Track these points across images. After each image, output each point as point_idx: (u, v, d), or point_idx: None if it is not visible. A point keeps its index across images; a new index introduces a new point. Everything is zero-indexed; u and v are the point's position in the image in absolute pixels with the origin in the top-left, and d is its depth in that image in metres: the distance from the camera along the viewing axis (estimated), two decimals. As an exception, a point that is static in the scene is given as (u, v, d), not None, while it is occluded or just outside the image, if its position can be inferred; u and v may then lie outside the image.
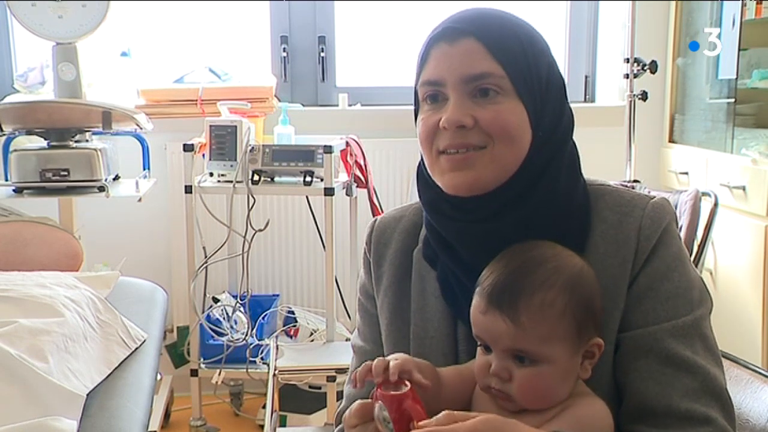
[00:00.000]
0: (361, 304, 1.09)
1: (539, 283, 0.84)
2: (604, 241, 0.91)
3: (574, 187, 0.94)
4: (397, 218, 1.06)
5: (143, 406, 1.43)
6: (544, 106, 0.92)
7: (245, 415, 2.70)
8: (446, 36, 0.91)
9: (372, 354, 1.04)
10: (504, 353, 0.84)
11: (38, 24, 2.28)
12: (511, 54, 0.90)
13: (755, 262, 2.32)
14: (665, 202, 0.94)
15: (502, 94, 0.89)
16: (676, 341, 0.88)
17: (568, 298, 0.84)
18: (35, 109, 2.29)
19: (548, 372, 0.83)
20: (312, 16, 2.94)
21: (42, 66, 2.73)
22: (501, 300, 0.84)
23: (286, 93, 2.92)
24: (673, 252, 0.91)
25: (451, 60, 0.90)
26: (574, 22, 3.05)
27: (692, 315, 0.89)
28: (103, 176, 2.21)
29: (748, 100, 2.65)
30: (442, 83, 0.91)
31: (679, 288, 0.90)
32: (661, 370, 0.88)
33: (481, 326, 0.86)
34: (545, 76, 0.93)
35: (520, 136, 0.90)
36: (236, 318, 2.52)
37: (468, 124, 0.89)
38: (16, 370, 1.28)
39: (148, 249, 2.77)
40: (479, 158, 0.90)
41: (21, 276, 1.66)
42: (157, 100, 2.68)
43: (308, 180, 2.33)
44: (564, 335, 0.84)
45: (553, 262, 0.86)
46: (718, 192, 2.29)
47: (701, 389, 0.87)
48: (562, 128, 0.94)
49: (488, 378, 0.85)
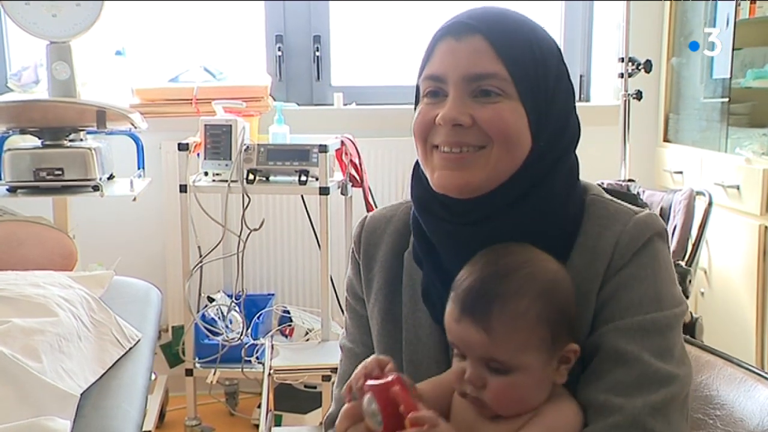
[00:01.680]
0: (349, 304, 1.07)
1: (513, 291, 0.82)
2: (581, 253, 0.89)
3: (568, 200, 0.91)
4: (388, 217, 1.04)
5: (138, 406, 1.42)
6: (548, 115, 0.89)
7: (240, 414, 2.70)
8: (454, 31, 0.89)
9: (362, 357, 1.00)
10: (478, 361, 0.83)
11: (32, 23, 2.27)
12: (518, 56, 0.87)
13: (749, 262, 2.32)
14: (651, 218, 0.90)
15: (504, 96, 0.87)
16: (622, 336, 0.85)
17: (542, 306, 0.82)
18: (29, 108, 2.28)
19: (522, 380, 0.82)
20: (307, 15, 2.93)
21: (36, 65, 2.72)
22: (474, 308, 0.83)
23: (281, 92, 2.92)
24: (645, 262, 0.88)
25: (455, 56, 0.88)
26: (568, 21, 3.05)
27: (650, 315, 0.86)
28: (97, 175, 2.21)
29: (742, 100, 2.66)
30: (444, 79, 0.89)
31: (644, 297, 0.86)
32: (599, 366, 0.86)
33: (455, 334, 0.85)
34: (552, 84, 0.90)
35: (518, 140, 0.87)
36: (231, 317, 2.51)
37: (465, 122, 0.87)
38: (10, 370, 1.27)
39: (142, 248, 2.76)
40: (474, 159, 0.88)
41: (15, 275, 1.66)
42: (152, 99, 2.68)
43: (303, 179, 2.33)
44: (538, 344, 0.82)
45: (528, 267, 0.84)
46: (713, 191, 2.30)
47: (633, 382, 0.83)
48: (565, 140, 0.92)
49: (463, 384, 0.84)
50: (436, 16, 3.06)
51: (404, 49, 2.93)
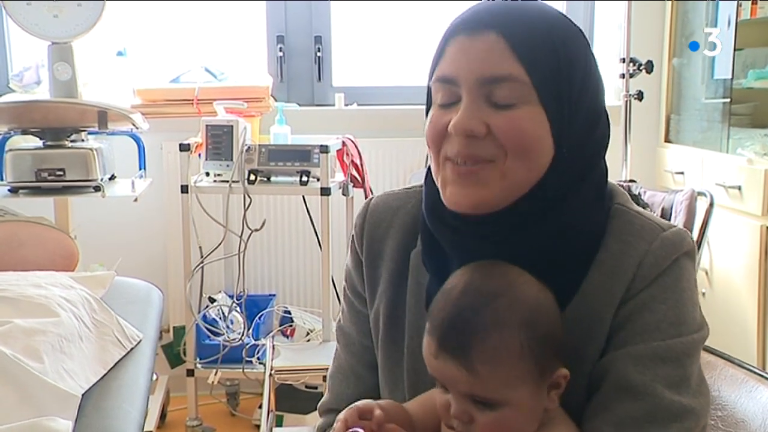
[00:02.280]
0: (348, 297, 1.00)
1: (492, 322, 0.75)
2: (601, 270, 0.82)
3: (595, 218, 0.83)
4: (394, 209, 0.95)
5: (139, 407, 1.42)
6: (572, 118, 0.80)
7: (241, 415, 2.70)
8: (467, 28, 0.80)
9: (358, 355, 0.98)
10: (462, 397, 0.77)
11: (34, 23, 2.27)
12: (538, 56, 0.78)
13: (751, 262, 2.32)
14: (678, 237, 0.82)
15: (522, 102, 0.78)
16: (631, 365, 0.78)
17: (524, 336, 0.75)
18: (31, 109, 2.28)
19: (511, 414, 0.76)
20: (308, 15, 2.94)
21: (37, 65, 2.73)
22: (452, 344, 0.76)
23: (283, 93, 2.92)
24: (668, 284, 0.80)
25: (468, 56, 0.79)
26: (570, 22, 3.05)
27: (666, 341, 0.79)
28: (98, 176, 2.21)
29: (744, 100, 2.66)
30: (456, 81, 0.80)
31: (662, 322, 0.79)
32: (606, 396, 0.79)
33: (434, 369, 0.79)
34: (579, 83, 0.81)
35: (538, 150, 0.79)
36: (232, 318, 2.51)
37: (479, 132, 0.78)
38: (11, 371, 1.27)
39: (143, 249, 2.76)
40: (488, 173, 0.79)
41: (16, 276, 1.66)
42: (153, 100, 2.68)
43: (304, 180, 2.33)
44: (524, 376, 0.76)
45: (507, 295, 0.77)
46: (714, 192, 2.30)
47: (642, 417, 0.77)
48: (592, 144, 0.83)
49: (450, 418, 0.79)
50: (438, 16, 3.08)
51: (406, 50, 2.93)
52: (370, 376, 0.97)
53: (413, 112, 2.88)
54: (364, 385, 0.97)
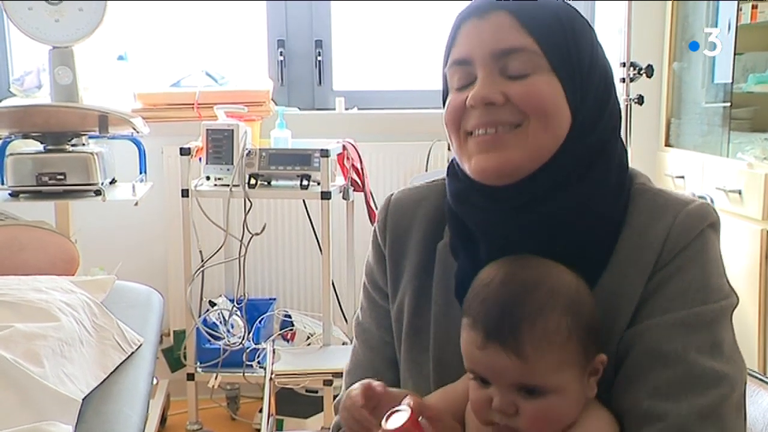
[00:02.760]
0: (368, 292, 1.00)
1: (538, 309, 0.77)
2: (627, 247, 0.83)
3: (619, 191, 0.85)
4: (417, 201, 0.96)
5: (139, 411, 1.42)
6: (585, 90, 0.83)
7: (242, 419, 2.70)
8: (476, 10, 0.84)
9: (378, 351, 0.97)
10: (509, 387, 0.78)
11: (35, 27, 2.27)
12: (546, 28, 0.82)
13: (751, 266, 2.32)
14: (703, 209, 0.84)
15: (536, 71, 0.81)
16: (664, 334, 0.80)
17: (570, 321, 0.77)
18: (31, 113, 2.28)
19: (558, 401, 0.77)
20: (308, 19, 2.94)
21: (38, 70, 2.73)
22: (500, 332, 0.77)
23: (283, 97, 2.92)
24: (694, 254, 0.82)
25: (480, 35, 0.83)
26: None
27: (695, 309, 0.80)
28: (99, 180, 2.21)
29: (744, 104, 2.66)
30: (471, 61, 0.83)
31: (689, 289, 0.81)
32: (637, 366, 0.80)
33: (480, 362, 0.79)
34: (588, 58, 0.84)
35: (556, 114, 0.81)
36: (233, 322, 2.51)
37: (498, 100, 0.81)
38: (12, 375, 1.27)
39: (144, 253, 2.76)
40: (511, 138, 0.81)
41: (17, 280, 1.66)
42: (154, 104, 2.68)
43: (305, 184, 2.33)
44: (571, 361, 0.78)
45: (547, 283, 0.79)
46: (714, 196, 2.30)
47: (678, 384, 0.78)
48: (606, 119, 0.85)
49: (490, 413, 0.79)
50: (439, 20, 3.08)
51: (406, 54, 2.93)
52: (389, 372, 0.96)
53: (414, 117, 2.91)
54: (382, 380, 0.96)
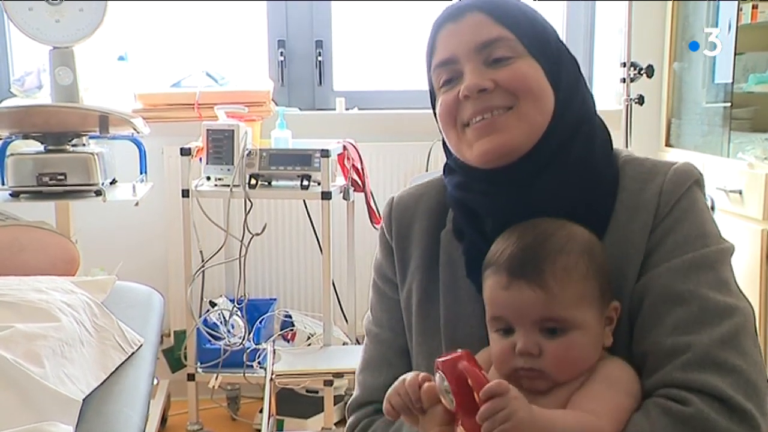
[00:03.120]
0: (377, 287, 1.05)
1: (558, 249, 0.84)
2: (625, 208, 0.90)
3: (607, 162, 0.93)
4: (417, 196, 1.03)
5: (140, 411, 1.42)
6: (559, 67, 0.91)
7: (242, 419, 2.70)
8: (451, 16, 0.92)
9: (389, 343, 1.01)
10: (532, 327, 0.83)
11: (35, 28, 2.27)
12: (517, 20, 0.91)
13: (752, 266, 2.32)
14: (689, 166, 0.93)
15: (517, 56, 0.89)
16: (674, 276, 0.85)
17: (587, 260, 0.84)
18: (32, 114, 2.28)
19: (580, 338, 0.83)
20: (309, 20, 2.94)
21: (39, 70, 2.73)
22: (524, 269, 0.83)
23: (284, 97, 2.93)
24: (686, 206, 0.89)
25: (459, 35, 0.90)
26: (570, 26, 3.05)
27: (699, 251, 0.86)
28: (99, 180, 2.21)
29: (745, 105, 2.66)
30: (455, 59, 0.90)
31: (689, 236, 0.87)
32: (655, 309, 0.85)
33: (505, 302, 0.84)
34: (555, 44, 0.93)
35: (542, 91, 0.89)
36: (233, 322, 2.51)
37: (488, 86, 0.88)
38: (12, 375, 1.27)
39: (144, 253, 2.76)
40: (507, 119, 0.88)
41: (17, 280, 1.66)
42: (154, 104, 2.68)
43: (305, 184, 2.33)
44: (591, 298, 0.84)
45: (564, 231, 0.86)
46: (715, 196, 2.30)
47: (695, 319, 0.82)
48: (581, 95, 0.93)
49: (514, 360, 0.83)
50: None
51: (406, 54, 2.93)
52: (401, 362, 1.00)
53: (414, 117, 2.90)
54: (395, 371, 0.99)
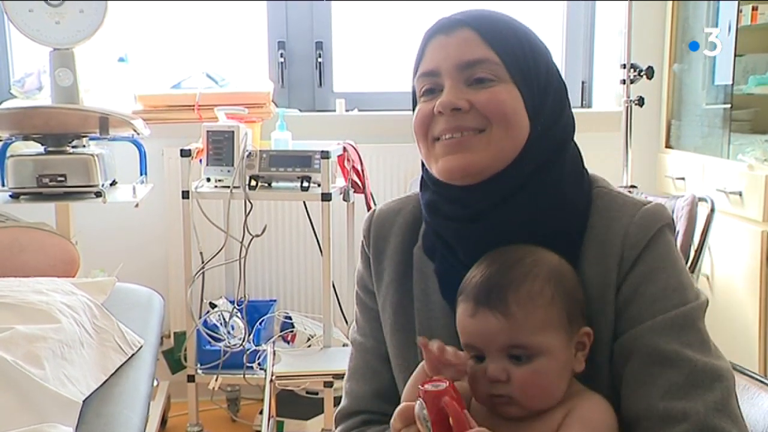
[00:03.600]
0: (360, 299, 1.06)
1: (523, 275, 0.84)
2: (593, 246, 0.90)
3: (577, 190, 0.92)
4: (396, 210, 1.04)
5: (140, 413, 1.42)
6: (542, 101, 0.91)
7: (242, 420, 2.70)
8: (442, 28, 0.92)
9: (373, 351, 1.03)
10: (499, 353, 0.83)
11: (35, 29, 2.27)
12: (507, 43, 0.90)
13: (752, 268, 2.32)
14: (659, 209, 0.91)
15: (498, 81, 0.89)
16: (659, 336, 0.85)
17: (553, 286, 0.84)
18: (32, 115, 2.28)
19: (546, 365, 0.83)
20: (309, 21, 2.94)
21: (39, 71, 2.73)
22: (489, 297, 0.84)
23: (284, 98, 2.93)
24: (660, 254, 0.88)
25: (447, 49, 0.91)
26: (570, 28, 3.06)
27: (679, 309, 0.86)
28: (100, 182, 2.21)
29: (744, 106, 2.66)
30: (438, 72, 0.91)
31: (666, 289, 0.87)
32: (644, 370, 0.85)
33: (472, 330, 0.85)
34: (544, 76, 0.92)
35: (517, 121, 0.89)
36: (233, 323, 2.51)
37: (463, 106, 0.88)
38: (12, 377, 1.27)
39: (145, 254, 2.76)
40: (476, 141, 0.89)
41: (17, 282, 1.66)
42: (154, 106, 2.68)
43: (305, 185, 2.33)
44: (556, 323, 0.83)
45: (531, 257, 0.86)
46: (715, 197, 2.30)
47: (686, 382, 0.83)
48: (561, 125, 0.93)
49: (485, 386, 0.84)
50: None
51: (406, 56, 2.93)
52: (386, 369, 1.01)
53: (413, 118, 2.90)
54: (380, 379, 1.01)
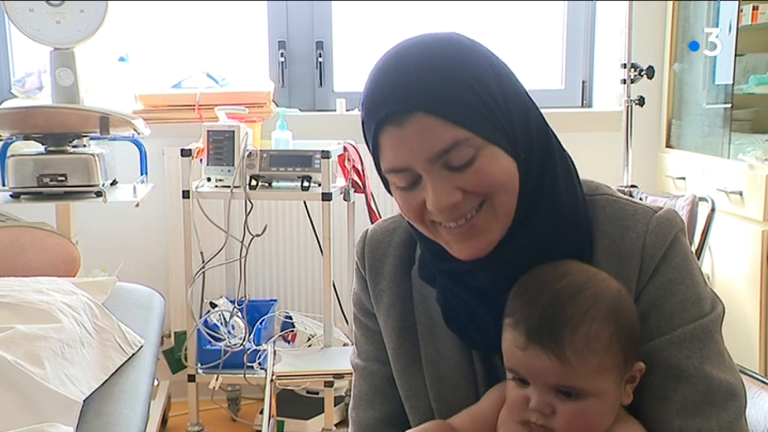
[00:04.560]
0: (359, 321, 1.02)
1: (581, 314, 0.78)
2: (607, 257, 0.86)
3: (574, 197, 0.88)
4: (391, 230, 0.99)
5: (140, 412, 1.43)
6: (513, 128, 0.82)
7: (243, 420, 2.70)
8: (392, 119, 0.79)
9: (379, 375, 0.99)
10: (546, 388, 0.79)
11: (36, 29, 2.28)
12: (465, 108, 0.78)
13: (752, 268, 2.32)
14: (672, 214, 0.88)
15: (476, 152, 0.80)
16: (678, 350, 0.83)
17: (612, 327, 0.79)
18: (33, 115, 2.29)
19: (596, 405, 0.79)
20: (309, 21, 2.94)
21: (39, 71, 2.73)
22: (542, 335, 0.78)
23: (284, 98, 2.93)
24: (678, 264, 0.85)
25: (408, 144, 0.79)
26: (570, 28, 3.05)
27: (697, 322, 0.84)
28: (100, 181, 2.21)
29: (745, 106, 2.66)
30: (409, 168, 0.81)
31: (685, 302, 0.84)
32: (661, 385, 0.84)
33: (520, 361, 0.81)
34: (501, 99, 0.82)
35: (509, 178, 0.82)
36: (234, 323, 2.51)
37: (457, 200, 0.81)
38: (13, 376, 1.28)
39: (145, 254, 2.76)
40: (483, 220, 0.83)
41: (18, 282, 1.66)
42: (155, 105, 2.68)
43: (306, 185, 2.33)
44: (611, 367, 0.79)
45: (591, 288, 0.80)
46: (715, 197, 2.30)
47: (702, 400, 0.82)
48: (535, 136, 0.85)
49: (527, 413, 0.80)
50: (440, 21, 3.08)
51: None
52: (394, 392, 0.97)
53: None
54: (389, 403, 0.98)
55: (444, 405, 0.92)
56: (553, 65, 3.09)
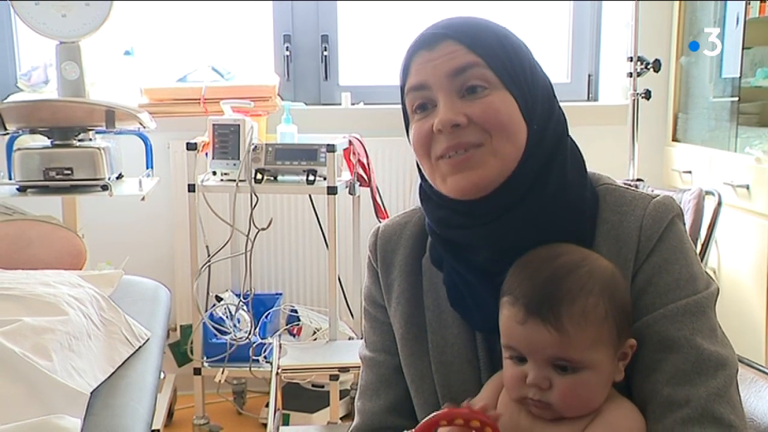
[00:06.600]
0: (369, 314, 1.06)
1: (578, 288, 0.82)
2: (606, 241, 0.90)
3: (582, 185, 0.92)
4: (402, 224, 1.04)
5: (146, 405, 1.43)
6: (534, 98, 0.90)
7: (248, 413, 2.71)
8: (424, 43, 0.91)
9: (386, 365, 1.02)
10: (544, 362, 0.83)
11: (42, 23, 2.28)
12: (490, 48, 0.89)
13: (759, 261, 2.31)
14: (668, 200, 0.92)
15: (490, 88, 0.88)
16: (670, 323, 0.86)
17: (607, 302, 0.83)
18: (39, 108, 2.29)
19: (590, 378, 0.82)
20: (315, 14, 2.94)
21: (45, 65, 2.74)
22: (541, 308, 0.82)
23: (289, 92, 2.93)
24: (674, 245, 0.89)
25: (432, 62, 0.90)
26: (577, 21, 3.04)
27: (691, 297, 0.87)
28: (106, 175, 2.22)
29: (752, 99, 2.65)
30: (428, 86, 0.90)
31: (679, 280, 0.88)
32: (653, 356, 0.86)
33: (519, 336, 0.84)
34: (528, 68, 0.91)
35: (515, 126, 0.88)
36: (239, 316, 2.52)
37: (462, 122, 0.88)
38: (21, 369, 1.28)
39: (151, 248, 2.77)
40: (480, 155, 0.88)
41: (25, 274, 1.67)
42: (160, 99, 2.69)
43: (311, 179, 2.33)
44: (606, 340, 0.83)
45: (586, 266, 0.84)
46: (722, 191, 2.29)
47: (692, 369, 0.84)
48: (555, 121, 0.92)
49: (524, 389, 0.84)
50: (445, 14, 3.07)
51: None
52: (401, 380, 1.01)
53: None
54: (395, 391, 1.01)
55: (448, 389, 0.95)
56: (559, 58, 3.08)
